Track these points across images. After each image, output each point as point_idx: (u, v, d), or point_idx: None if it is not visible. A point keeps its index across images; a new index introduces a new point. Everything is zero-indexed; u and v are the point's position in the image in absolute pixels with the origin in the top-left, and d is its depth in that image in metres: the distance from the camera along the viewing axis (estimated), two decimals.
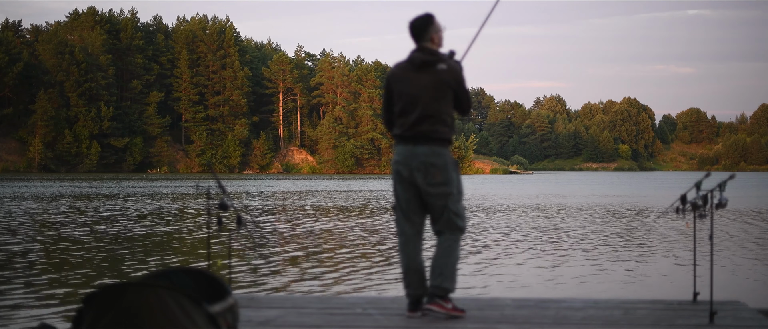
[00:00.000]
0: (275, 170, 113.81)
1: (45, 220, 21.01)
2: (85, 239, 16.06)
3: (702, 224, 5.36)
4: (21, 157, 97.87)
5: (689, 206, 5.34)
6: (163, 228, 18.94)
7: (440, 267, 5.30)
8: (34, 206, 27.29)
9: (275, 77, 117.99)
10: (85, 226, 19.18)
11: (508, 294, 9.43)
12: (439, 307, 5.23)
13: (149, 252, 13.88)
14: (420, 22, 5.41)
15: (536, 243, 15.76)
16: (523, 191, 46.41)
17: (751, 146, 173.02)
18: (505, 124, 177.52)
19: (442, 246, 5.36)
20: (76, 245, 14.93)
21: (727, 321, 5.11)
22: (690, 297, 5.88)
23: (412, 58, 5.41)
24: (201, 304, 3.75)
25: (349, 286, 10.27)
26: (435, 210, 5.38)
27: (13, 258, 12.87)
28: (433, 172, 5.30)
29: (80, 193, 38.07)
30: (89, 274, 11.20)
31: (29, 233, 17.34)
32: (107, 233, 17.40)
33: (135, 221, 20.94)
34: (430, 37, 5.40)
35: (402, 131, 5.39)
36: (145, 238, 16.36)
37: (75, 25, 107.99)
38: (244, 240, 15.29)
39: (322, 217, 23.19)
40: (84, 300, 3.75)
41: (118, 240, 15.94)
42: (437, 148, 5.32)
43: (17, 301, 8.91)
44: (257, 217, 22.94)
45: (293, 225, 20.31)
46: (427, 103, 5.32)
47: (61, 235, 16.88)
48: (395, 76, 5.47)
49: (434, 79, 5.32)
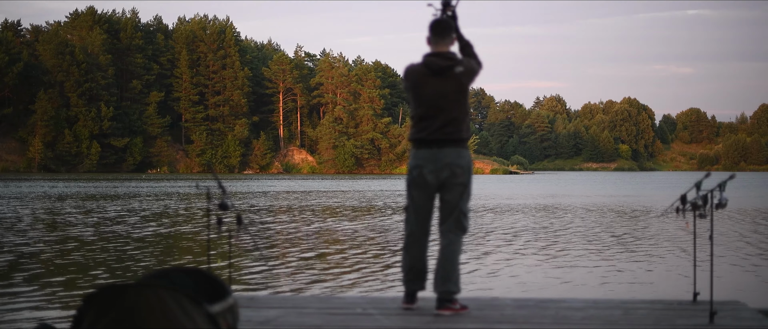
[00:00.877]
0: (275, 170, 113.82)
1: (45, 220, 21.01)
2: (85, 239, 16.06)
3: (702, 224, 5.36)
4: (21, 157, 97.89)
5: (689, 206, 5.34)
6: (163, 228, 18.94)
7: (447, 272, 5.40)
8: (33, 206, 27.29)
9: (275, 77, 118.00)
10: (85, 226, 19.18)
11: (508, 294, 9.43)
12: (449, 311, 5.37)
13: (149, 252, 13.88)
14: (446, 24, 5.49)
15: (536, 243, 15.77)
16: (523, 191, 46.42)
17: (751, 146, 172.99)
18: (505, 124, 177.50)
19: (448, 247, 5.45)
20: (76, 245, 14.93)
21: (727, 321, 5.11)
22: (690, 297, 5.88)
23: (429, 63, 5.44)
24: (201, 304, 3.75)
25: (349, 286, 10.27)
26: (447, 208, 5.48)
27: (13, 259, 12.87)
28: (459, 173, 5.44)
29: (80, 193, 38.07)
30: (89, 274, 11.20)
31: (29, 233, 17.34)
32: (107, 233, 17.40)
33: (135, 221, 20.94)
34: (451, 40, 5.50)
35: (425, 135, 5.44)
36: (145, 238, 16.35)
37: (75, 25, 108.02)
38: (244, 241, 15.29)
39: (323, 217, 23.20)
40: (84, 300, 3.75)
41: (118, 240, 15.94)
42: (461, 150, 5.47)
43: (17, 301, 8.91)
44: (257, 217, 22.94)
45: (293, 225, 20.31)
46: (451, 108, 5.41)
47: (61, 235, 16.89)
48: (414, 81, 5.49)
49: (454, 83, 5.41)
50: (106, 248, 14.45)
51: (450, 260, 5.42)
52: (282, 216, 23.91)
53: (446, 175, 5.42)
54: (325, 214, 24.56)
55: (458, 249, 5.47)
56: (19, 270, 11.55)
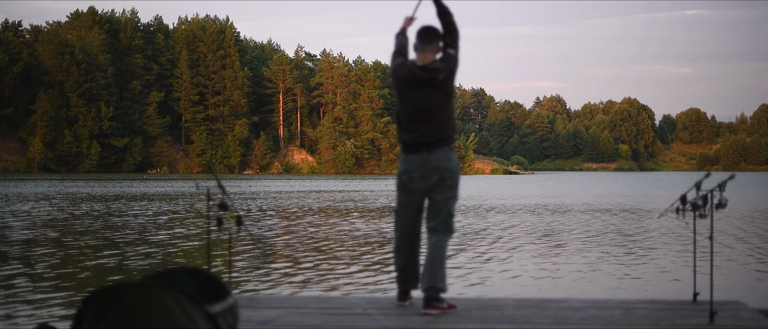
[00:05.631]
0: (275, 170, 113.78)
1: (45, 220, 21.01)
2: (85, 239, 16.06)
3: (702, 224, 5.37)
4: (21, 157, 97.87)
5: (689, 206, 5.34)
6: (163, 228, 18.94)
7: (435, 270, 5.49)
8: (33, 206, 27.29)
9: (275, 77, 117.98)
10: (85, 226, 19.18)
11: (508, 294, 9.43)
12: (437, 310, 5.44)
13: (149, 252, 13.88)
14: (433, 31, 5.58)
15: (536, 243, 15.76)
16: (523, 191, 46.41)
17: (751, 146, 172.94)
18: (505, 124, 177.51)
19: (435, 246, 5.55)
20: (76, 245, 14.93)
21: (727, 321, 5.11)
22: (690, 297, 5.88)
23: (414, 72, 5.52)
24: (201, 304, 3.75)
25: (349, 286, 10.27)
26: (435, 209, 5.59)
27: (13, 259, 12.87)
28: (448, 176, 5.55)
29: (80, 193, 38.07)
30: (89, 274, 11.20)
31: (29, 233, 17.34)
32: (107, 233, 17.40)
33: (135, 221, 20.94)
34: (438, 47, 5.58)
35: (414, 138, 5.55)
36: (145, 238, 16.35)
37: (74, 25, 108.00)
38: (245, 240, 15.29)
39: (323, 217, 23.19)
40: (84, 301, 3.75)
41: (118, 240, 15.94)
42: (449, 152, 5.57)
43: (17, 301, 8.91)
44: (257, 217, 22.94)
45: (293, 225, 20.31)
46: (439, 112, 5.53)
47: (61, 235, 16.89)
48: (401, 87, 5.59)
49: (440, 90, 5.52)
50: (107, 248, 14.45)
51: (437, 258, 5.52)
52: (282, 216, 23.90)
53: (436, 180, 5.54)
54: (325, 214, 24.56)
55: (445, 248, 5.57)
56: (19, 270, 11.55)
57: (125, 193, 38.67)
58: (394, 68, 5.66)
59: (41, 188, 44.55)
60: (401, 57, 5.68)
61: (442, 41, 5.60)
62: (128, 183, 57.08)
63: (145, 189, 45.03)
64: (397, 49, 5.71)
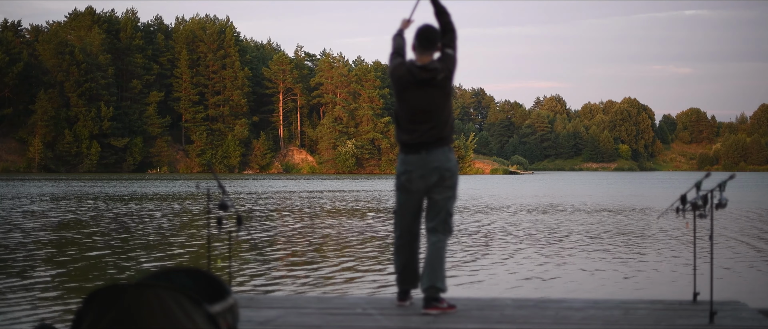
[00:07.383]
0: (275, 170, 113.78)
1: (44, 220, 21.01)
2: (85, 239, 16.06)
3: (702, 224, 5.37)
4: (21, 157, 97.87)
5: (689, 206, 5.34)
6: (163, 228, 18.94)
7: (434, 270, 5.50)
8: (33, 206, 27.29)
9: (275, 77, 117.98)
10: (85, 226, 19.18)
11: (508, 294, 9.43)
12: (437, 310, 5.45)
13: (149, 253, 13.87)
14: (432, 34, 5.57)
15: (536, 243, 15.76)
16: (523, 191, 46.41)
17: (751, 146, 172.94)
18: (505, 124, 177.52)
19: (435, 246, 5.55)
20: (76, 245, 14.92)
21: (727, 321, 5.11)
22: (690, 297, 5.88)
23: (414, 72, 5.52)
24: (201, 304, 3.75)
25: (349, 286, 10.26)
26: (435, 209, 5.59)
27: (13, 258, 12.86)
28: (447, 176, 5.55)
29: (80, 194, 38.06)
30: (89, 274, 11.20)
31: (28, 233, 17.33)
32: (107, 233, 17.40)
33: (135, 221, 20.94)
34: (436, 48, 5.59)
35: (414, 139, 5.54)
36: (145, 238, 16.35)
37: (74, 25, 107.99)
38: (245, 240, 15.29)
39: (323, 217, 23.19)
40: (84, 301, 3.75)
41: (118, 240, 15.94)
42: (448, 152, 5.57)
43: (17, 301, 8.90)
44: (257, 217, 22.94)
45: (293, 225, 20.31)
46: (438, 112, 5.53)
47: (61, 235, 16.88)
48: (399, 87, 5.60)
49: (439, 90, 5.53)
50: (106, 248, 14.45)
51: (437, 258, 5.52)
52: (282, 216, 23.90)
53: (435, 180, 5.54)
54: (325, 214, 24.55)
55: (444, 248, 5.58)
56: (20, 270, 11.54)
57: (125, 193, 38.67)
58: (392, 68, 5.66)
59: (41, 188, 44.55)
60: (399, 57, 5.68)
61: (440, 41, 5.60)
62: (128, 183, 57.08)
63: (145, 189, 45.02)
64: (394, 50, 5.73)
